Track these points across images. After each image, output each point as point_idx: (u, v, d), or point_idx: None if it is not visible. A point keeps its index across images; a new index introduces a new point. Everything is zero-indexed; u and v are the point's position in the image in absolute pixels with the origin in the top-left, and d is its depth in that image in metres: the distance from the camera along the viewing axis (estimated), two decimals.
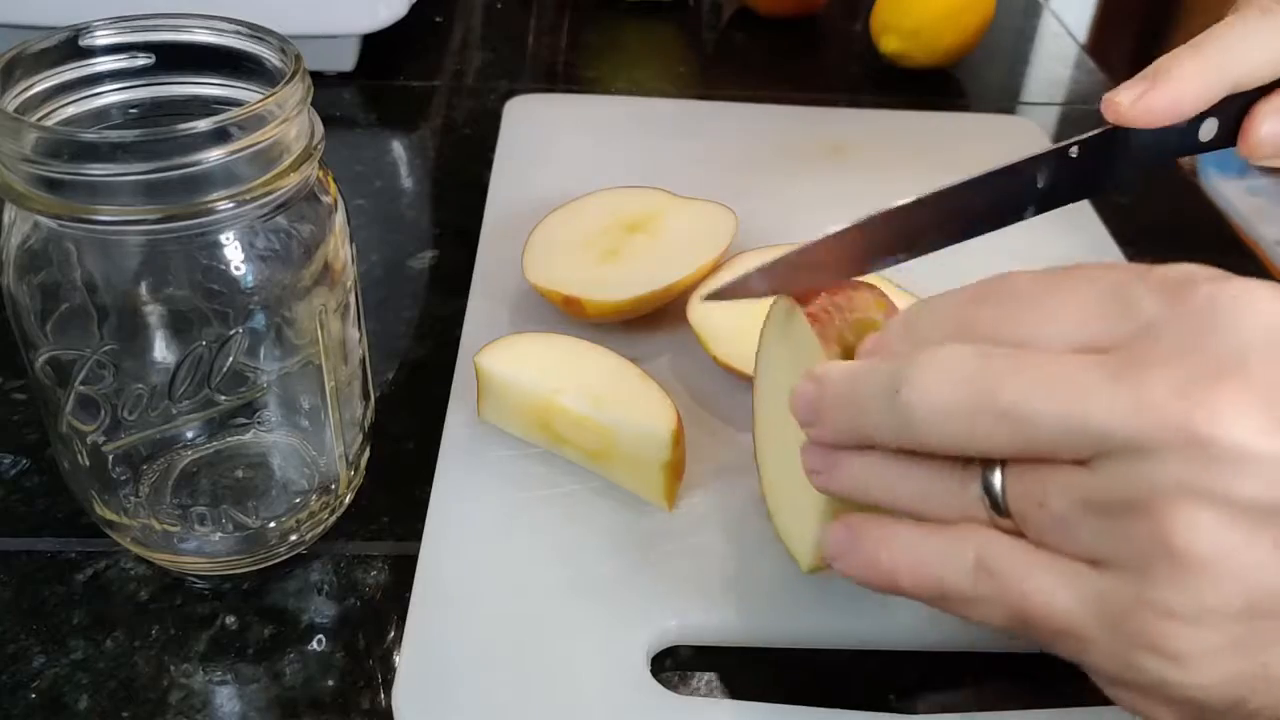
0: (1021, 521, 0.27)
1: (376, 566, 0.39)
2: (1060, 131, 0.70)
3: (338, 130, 0.66)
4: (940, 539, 0.28)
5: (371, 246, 0.55)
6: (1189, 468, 0.24)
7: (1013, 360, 0.26)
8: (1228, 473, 0.24)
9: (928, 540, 0.28)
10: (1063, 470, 0.26)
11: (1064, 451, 0.26)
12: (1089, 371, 0.25)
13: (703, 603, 0.37)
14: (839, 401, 0.29)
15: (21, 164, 0.30)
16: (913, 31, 0.72)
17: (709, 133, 0.63)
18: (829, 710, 0.34)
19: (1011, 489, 0.27)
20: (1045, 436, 0.25)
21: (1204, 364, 0.24)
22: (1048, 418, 0.25)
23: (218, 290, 0.33)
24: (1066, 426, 0.25)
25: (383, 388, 0.47)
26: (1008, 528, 0.27)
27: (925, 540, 0.28)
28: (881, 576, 0.29)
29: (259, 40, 0.34)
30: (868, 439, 0.29)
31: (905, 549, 0.28)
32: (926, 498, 0.28)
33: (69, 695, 0.34)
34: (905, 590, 0.29)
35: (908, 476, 0.29)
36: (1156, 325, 0.26)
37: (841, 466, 0.30)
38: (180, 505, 0.37)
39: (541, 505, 0.40)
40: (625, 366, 0.41)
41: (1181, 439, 0.24)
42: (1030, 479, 0.26)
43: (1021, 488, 0.27)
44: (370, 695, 0.35)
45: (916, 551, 0.28)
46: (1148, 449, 0.24)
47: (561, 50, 0.78)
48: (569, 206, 0.51)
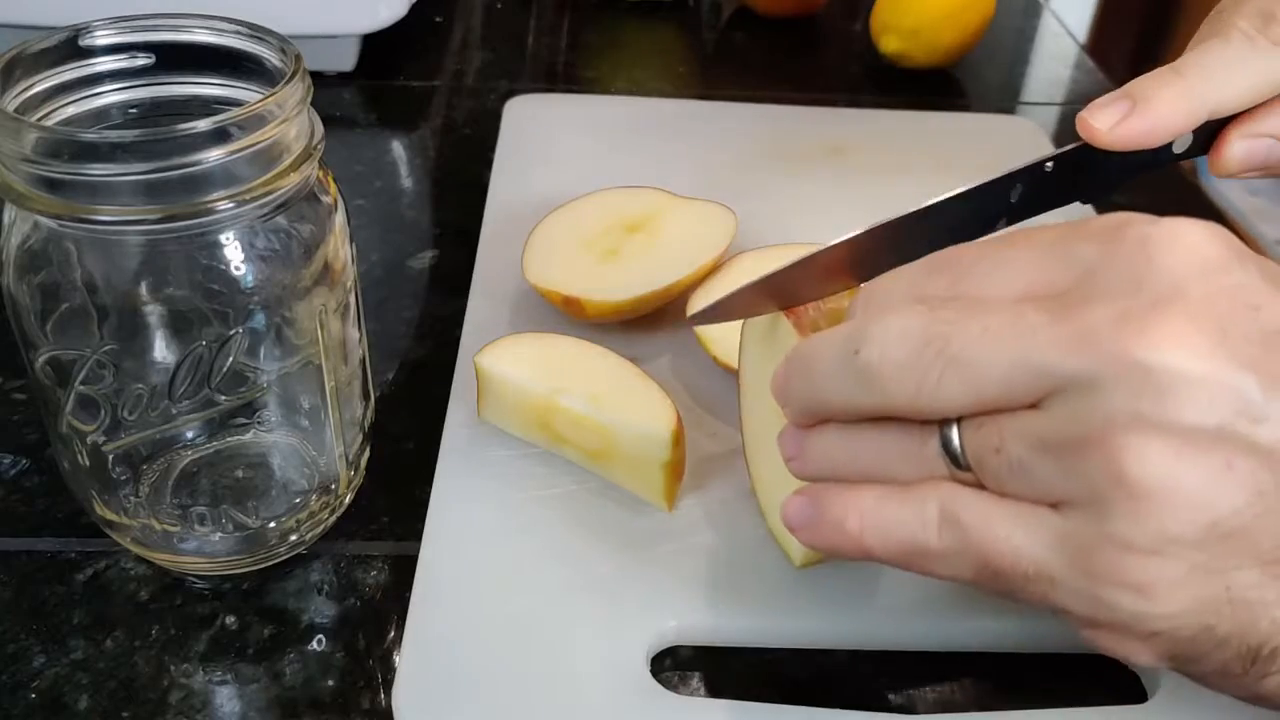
0: (980, 472, 0.27)
1: (376, 566, 0.39)
2: (1060, 131, 0.70)
3: (338, 130, 0.66)
4: (903, 497, 0.28)
5: (371, 246, 0.55)
6: (1133, 398, 0.24)
7: (962, 312, 0.27)
8: (1171, 399, 0.24)
9: (890, 500, 0.29)
10: (1016, 416, 0.26)
11: (1015, 395, 0.26)
12: (1033, 314, 0.26)
13: (702, 603, 0.37)
14: (801, 370, 0.30)
15: (21, 164, 0.30)
16: (913, 31, 0.72)
17: (709, 133, 0.63)
18: (829, 710, 0.34)
19: (968, 440, 0.27)
20: (994, 380, 0.26)
21: (1141, 297, 0.25)
22: (995, 361, 0.26)
23: (218, 290, 0.33)
24: (1012, 366, 0.26)
25: (383, 388, 0.47)
26: (969, 480, 0.28)
27: (888, 500, 0.29)
28: (849, 541, 0.29)
29: (259, 40, 0.34)
30: (829, 405, 0.30)
31: (869, 511, 0.29)
32: (889, 461, 0.29)
33: (69, 695, 0.34)
34: (874, 553, 0.29)
35: (870, 443, 0.29)
36: (1094, 268, 0.26)
37: (810, 446, 0.31)
38: (180, 505, 0.37)
39: (541, 505, 0.40)
40: (625, 366, 0.41)
41: (1123, 369, 0.24)
42: (986, 428, 0.27)
43: (978, 438, 0.27)
44: (370, 695, 0.35)
45: (880, 512, 0.29)
46: (1092, 382, 0.25)
47: (561, 50, 0.78)
48: (569, 206, 0.51)
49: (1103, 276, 0.26)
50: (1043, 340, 0.25)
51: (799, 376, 0.30)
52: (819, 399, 0.30)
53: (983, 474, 0.27)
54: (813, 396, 0.30)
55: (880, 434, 0.29)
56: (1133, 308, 0.25)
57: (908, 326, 0.27)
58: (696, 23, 0.83)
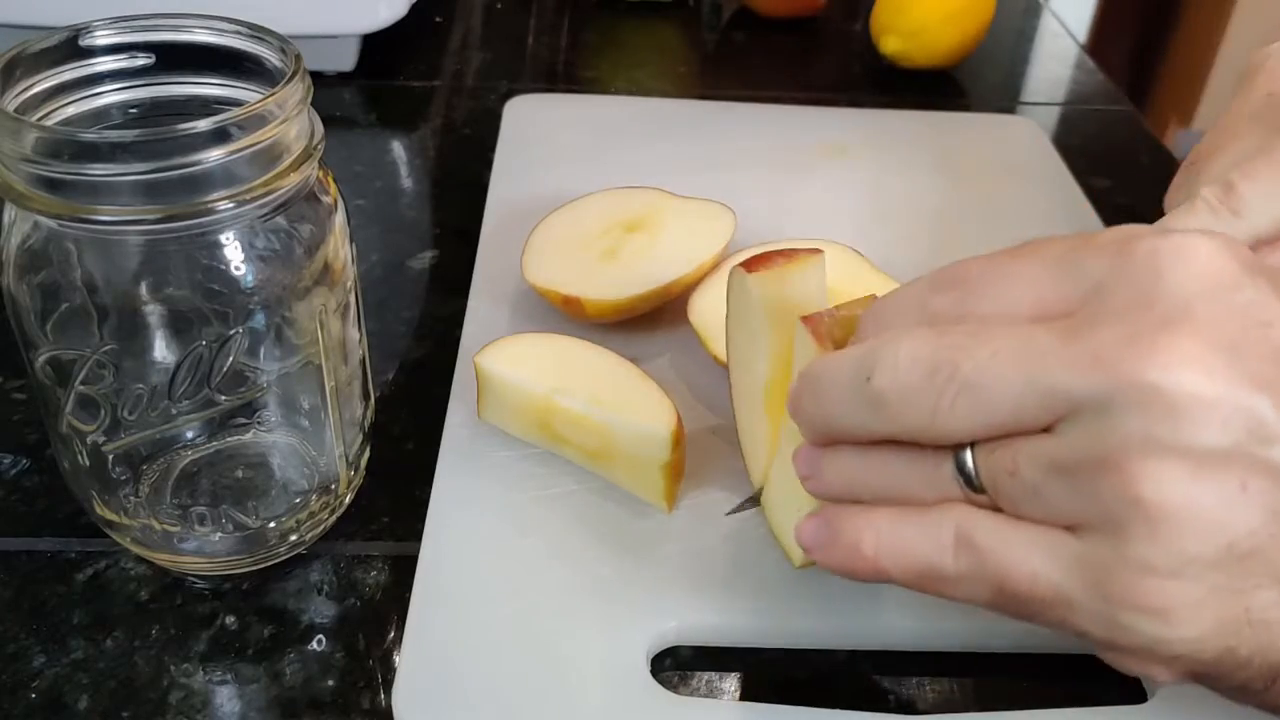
0: (995, 494, 0.27)
1: (376, 566, 0.39)
2: (1060, 131, 0.70)
3: (338, 130, 0.66)
4: (918, 519, 0.28)
5: (371, 246, 0.55)
6: (1147, 420, 0.24)
7: (971, 334, 0.27)
8: (1185, 422, 0.24)
9: (906, 522, 0.29)
10: (1030, 439, 0.26)
11: (1027, 418, 0.26)
12: (1043, 335, 0.26)
13: (702, 603, 0.37)
14: (812, 392, 0.30)
15: (21, 164, 0.30)
16: (913, 32, 0.72)
17: (709, 133, 0.63)
18: (829, 710, 0.34)
19: (982, 463, 0.27)
20: (1006, 404, 0.26)
21: (1151, 315, 0.25)
22: (1006, 385, 0.26)
23: (218, 290, 0.33)
24: (1023, 390, 0.26)
25: (383, 388, 0.47)
26: (984, 503, 0.28)
27: (903, 523, 0.29)
28: (865, 564, 0.29)
29: (259, 40, 0.34)
30: (842, 429, 0.30)
31: (885, 534, 0.29)
32: (904, 483, 0.29)
33: (69, 695, 0.34)
34: (890, 575, 0.29)
35: (885, 464, 0.29)
36: (1104, 284, 0.26)
37: (826, 466, 0.31)
38: (180, 505, 0.37)
39: (542, 505, 0.40)
40: (625, 366, 0.41)
41: (1135, 391, 0.24)
42: (1000, 452, 0.27)
43: (992, 461, 0.27)
44: (370, 695, 0.35)
45: (896, 535, 0.29)
46: (1105, 405, 0.25)
47: (561, 50, 0.78)
48: (569, 207, 0.51)
49: (1111, 293, 0.26)
50: (1053, 363, 0.25)
51: (811, 398, 0.30)
52: (832, 422, 0.30)
53: (998, 497, 0.27)
54: (825, 419, 0.30)
55: (895, 456, 0.29)
56: (1143, 327, 0.25)
57: (917, 352, 0.27)
58: (696, 23, 0.83)
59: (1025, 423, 0.26)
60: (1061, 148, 0.64)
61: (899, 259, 0.50)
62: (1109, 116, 0.73)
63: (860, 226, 0.55)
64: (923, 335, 0.27)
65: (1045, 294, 0.27)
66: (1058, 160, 0.62)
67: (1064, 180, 0.61)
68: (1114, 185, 0.63)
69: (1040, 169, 0.62)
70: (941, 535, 0.28)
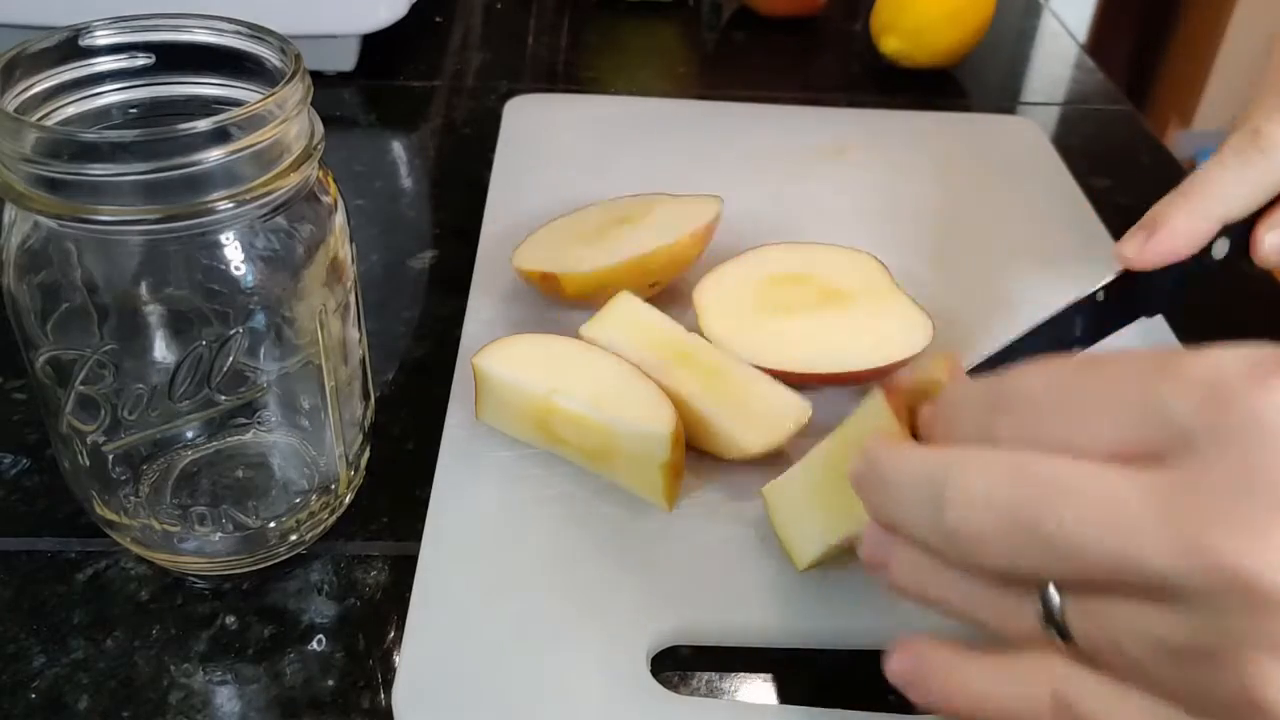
0: (1093, 654, 0.26)
1: (376, 566, 0.39)
2: (1060, 131, 0.70)
3: (338, 130, 0.66)
4: (1013, 676, 0.27)
5: (371, 246, 0.55)
6: (1259, 620, 0.23)
7: (1053, 484, 0.25)
8: None
9: (999, 677, 0.27)
10: (1129, 607, 0.25)
11: (1119, 586, 0.25)
12: (1133, 498, 0.24)
13: (703, 603, 0.37)
14: (878, 489, 0.29)
15: (21, 164, 0.30)
16: (913, 31, 0.72)
17: (709, 133, 0.63)
18: (829, 710, 0.34)
19: (1075, 620, 0.26)
20: (1098, 572, 0.25)
21: (1254, 500, 0.23)
22: (1096, 553, 0.24)
23: (218, 290, 0.33)
24: (1118, 565, 0.24)
25: (383, 388, 0.47)
26: (1076, 655, 0.26)
27: (997, 677, 0.27)
28: (953, 715, 0.28)
29: (259, 40, 0.34)
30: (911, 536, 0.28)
31: (976, 685, 0.28)
32: (985, 612, 0.28)
33: (69, 695, 0.34)
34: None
35: (962, 585, 0.28)
36: (1194, 441, 0.24)
37: (897, 564, 0.30)
38: (180, 505, 0.37)
39: (541, 505, 0.40)
40: (624, 366, 0.41)
41: (1240, 589, 0.23)
42: (1096, 614, 0.26)
43: (1088, 623, 0.26)
44: (370, 695, 0.35)
45: (988, 689, 0.27)
46: (1211, 599, 0.23)
47: (561, 50, 0.78)
48: (571, 214, 0.51)
49: (1204, 457, 0.24)
50: (1150, 541, 0.24)
51: (879, 493, 0.29)
52: (899, 525, 0.29)
53: (1095, 655, 0.26)
54: (891, 519, 0.29)
55: (974, 580, 0.28)
56: (1248, 516, 0.23)
57: (992, 495, 0.26)
58: (696, 23, 0.83)
59: (1117, 588, 0.25)
60: (1061, 148, 0.64)
61: (899, 258, 0.50)
62: (1109, 116, 0.73)
63: (860, 226, 0.55)
64: (998, 470, 0.26)
65: (1125, 434, 0.25)
66: (1057, 160, 0.63)
67: (1064, 180, 0.61)
68: (1114, 185, 0.63)
69: (1040, 169, 0.62)
70: (1038, 698, 0.26)
